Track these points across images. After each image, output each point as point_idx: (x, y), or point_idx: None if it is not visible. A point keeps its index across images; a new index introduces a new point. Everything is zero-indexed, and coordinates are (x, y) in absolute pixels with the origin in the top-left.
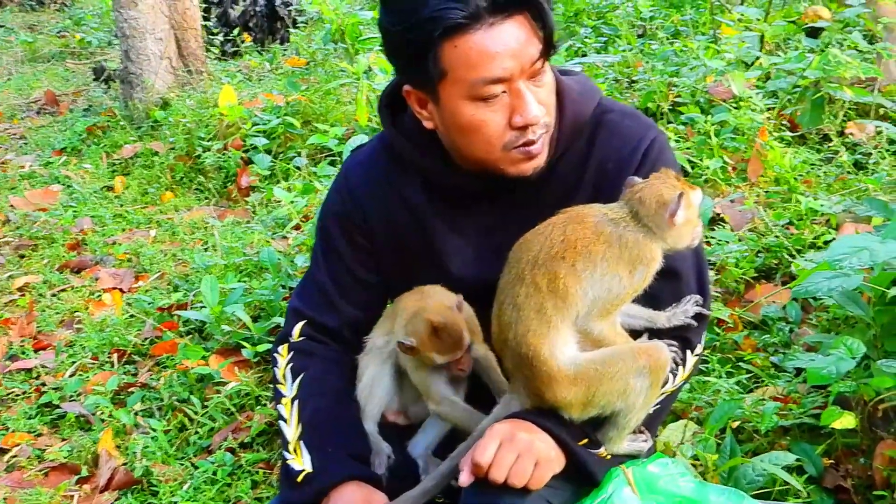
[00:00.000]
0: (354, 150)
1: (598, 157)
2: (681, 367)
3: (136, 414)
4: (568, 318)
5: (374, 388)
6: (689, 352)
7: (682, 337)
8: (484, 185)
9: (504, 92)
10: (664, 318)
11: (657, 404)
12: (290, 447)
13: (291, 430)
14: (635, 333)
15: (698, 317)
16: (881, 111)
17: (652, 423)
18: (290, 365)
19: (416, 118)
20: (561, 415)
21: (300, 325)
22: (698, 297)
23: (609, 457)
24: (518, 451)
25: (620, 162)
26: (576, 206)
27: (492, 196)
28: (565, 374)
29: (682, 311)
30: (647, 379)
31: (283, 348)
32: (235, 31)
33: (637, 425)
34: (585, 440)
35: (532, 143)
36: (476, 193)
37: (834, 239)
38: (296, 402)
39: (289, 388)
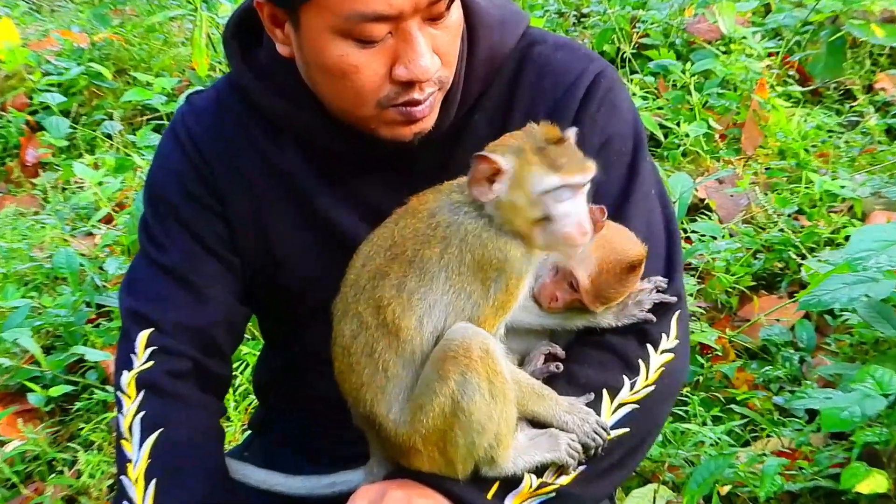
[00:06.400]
0: (190, 94)
1: (524, 102)
2: (643, 369)
3: None
4: (409, 362)
5: None
6: (650, 347)
7: (637, 330)
8: (371, 146)
9: (390, 33)
10: (611, 317)
11: (625, 425)
12: None
13: None
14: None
15: (659, 307)
16: None
17: (624, 460)
18: (142, 413)
19: (277, 53)
20: None
21: (144, 334)
22: (661, 280)
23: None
24: None
25: (555, 107)
26: (429, 189)
27: (387, 159)
28: (414, 435)
29: (636, 304)
30: (477, 383)
31: (127, 381)
32: None
33: (513, 433)
34: (496, 484)
35: (417, 102)
36: (363, 156)
37: None
38: (153, 483)
39: (135, 450)
